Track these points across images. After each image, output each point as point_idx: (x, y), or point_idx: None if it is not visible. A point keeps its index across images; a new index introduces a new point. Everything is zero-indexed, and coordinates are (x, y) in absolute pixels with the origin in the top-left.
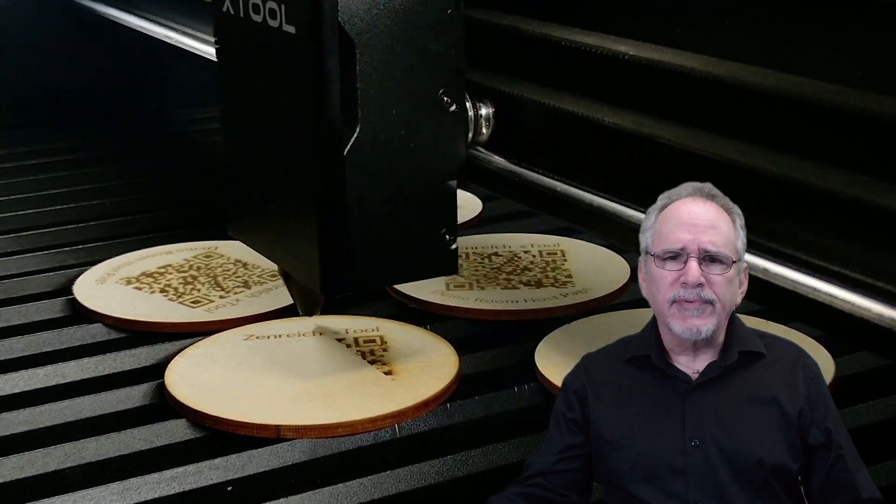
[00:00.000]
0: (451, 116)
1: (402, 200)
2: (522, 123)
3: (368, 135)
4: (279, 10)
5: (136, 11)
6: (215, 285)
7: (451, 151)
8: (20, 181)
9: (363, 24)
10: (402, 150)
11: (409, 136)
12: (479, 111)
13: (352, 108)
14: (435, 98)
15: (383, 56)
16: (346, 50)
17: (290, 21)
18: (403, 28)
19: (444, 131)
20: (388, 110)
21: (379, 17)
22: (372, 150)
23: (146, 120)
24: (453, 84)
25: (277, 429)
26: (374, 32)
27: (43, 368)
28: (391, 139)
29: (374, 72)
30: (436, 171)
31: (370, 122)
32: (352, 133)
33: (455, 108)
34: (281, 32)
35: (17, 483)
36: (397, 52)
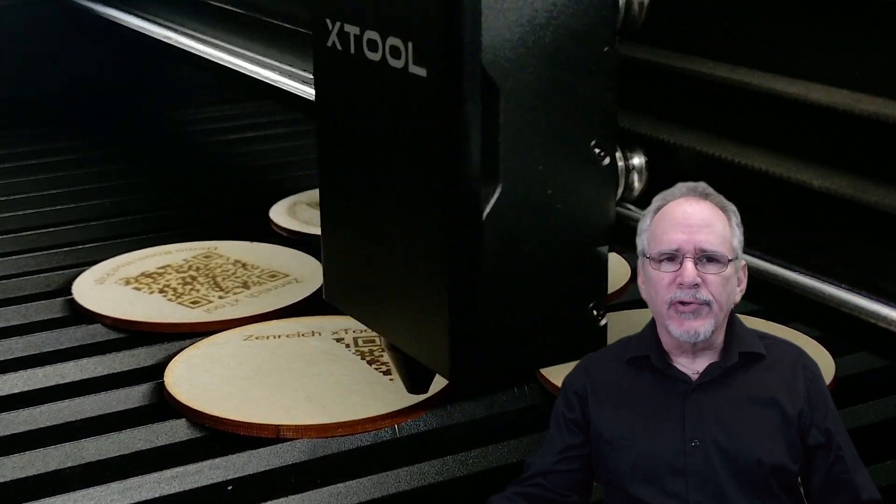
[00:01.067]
0: (602, 171)
1: (545, 271)
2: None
3: (511, 195)
4: (404, 48)
5: (135, 12)
6: (214, 286)
7: (601, 212)
8: (20, 181)
9: (509, 66)
10: (548, 211)
11: (555, 196)
12: (630, 161)
13: (492, 163)
14: (587, 150)
15: (530, 103)
16: (488, 96)
17: (420, 62)
18: (553, 70)
19: (596, 189)
20: (533, 166)
21: (526, 58)
22: (514, 213)
23: (146, 120)
24: (606, 133)
25: (277, 429)
26: (521, 76)
27: (42, 368)
28: (536, 199)
29: (520, 121)
30: (584, 236)
31: (513, 179)
32: (492, 192)
33: (608, 161)
34: (407, 75)
35: (18, 483)
36: (545, 98)
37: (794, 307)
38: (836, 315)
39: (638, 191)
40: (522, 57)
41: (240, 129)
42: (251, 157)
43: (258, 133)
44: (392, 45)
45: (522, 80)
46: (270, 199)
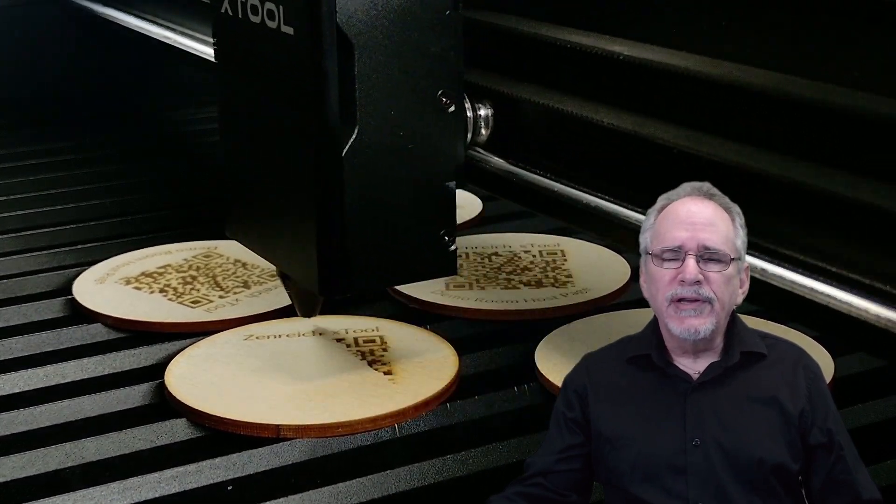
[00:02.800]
0: (449, 117)
1: (400, 202)
2: (521, 124)
3: (367, 136)
4: (277, 11)
5: (135, 12)
6: (215, 285)
7: (449, 152)
8: (20, 181)
9: (362, 25)
10: (401, 151)
11: (407, 138)
12: (478, 112)
13: (350, 109)
14: (434, 99)
15: (382, 57)
16: (344, 51)
17: (289, 22)
18: (402, 29)
19: (443, 132)
20: (386, 111)
21: (377, 18)
22: (370, 152)
23: (146, 120)
24: (452, 85)
25: (277, 429)
26: (373, 33)
27: (43, 368)
28: (390, 140)
29: (373, 73)
30: (435, 173)
31: (369, 123)
32: (350, 134)
33: (454, 108)
34: (279, 33)
35: (18, 483)
36: (396, 53)
37: (791, 308)
38: (833, 316)
39: (486, 136)
40: (374, 18)
41: None
42: None
43: None
44: (269, 9)
45: (374, 38)
46: None
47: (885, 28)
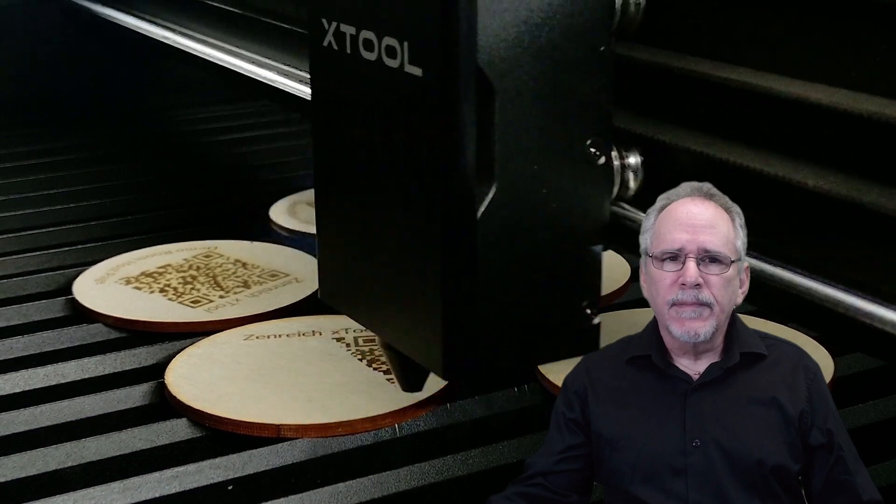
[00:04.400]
0: (598, 170)
1: (539, 269)
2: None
3: (506, 195)
4: (400, 48)
5: (135, 12)
6: (215, 285)
7: (596, 211)
8: (20, 181)
9: (505, 66)
10: (543, 211)
11: (550, 195)
12: (626, 160)
13: (487, 163)
14: (582, 150)
15: (526, 103)
16: (483, 96)
17: (416, 62)
18: (549, 69)
19: (591, 188)
20: (529, 165)
21: (522, 57)
22: (509, 212)
23: (146, 120)
24: (602, 132)
25: (277, 428)
26: (517, 75)
27: (43, 368)
28: (531, 199)
29: (515, 121)
30: (579, 235)
31: (508, 179)
32: (487, 192)
33: (603, 160)
34: (402, 74)
35: (18, 483)
36: (541, 97)
37: (789, 308)
38: (831, 316)
39: (633, 190)
40: (518, 56)
41: (240, 129)
42: (251, 157)
43: (258, 133)
44: (388, 45)
45: (518, 80)
46: (270, 199)
47: (886, 28)
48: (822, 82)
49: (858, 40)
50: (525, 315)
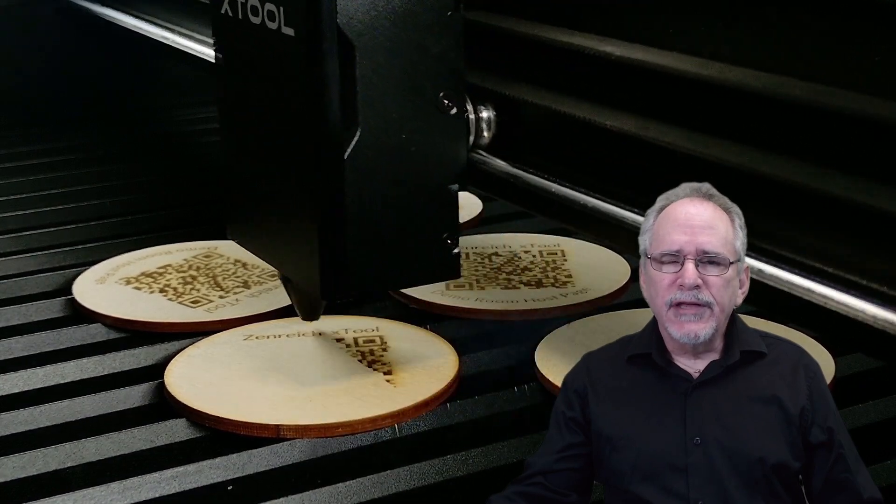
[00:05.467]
0: (451, 119)
1: (402, 204)
2: (523, 126)
3: (368, 138)
4: (278, 12)
5: (134, 12)
6: (215, 285)
7: (452, 155)
8: (20, 181)
9: (362, 27)
10: (403, 153)
11: (409, 140)
12: (481, 114)
13: (351, 111)
14: (435, 101)
15: (383, 58)
16: (345, 53)
17: (289, 23)
18: (403, 30)
19: (445, 135)
20: (388, 113)
21: (378, 19)
22: (372, 154)
23: (145, 120)
24: (454, 86)
25: (277, 429)
26: (374, 34)
27: (43, 368)
28: (391, 143)
29: (374, 75)
30: (437, 175)
31: (370, 125)
32: (352, 137)
33: (456, 111)
34: (280, 35)
35: (18, 483)
36: (397, 54)
37: (788, 309)
38: (830, 317)
39: (488, 139)
40: (374, 19)
41: None
42: None
43: None
44: (269, 10)
45: (375, 39)
46: None
47: (886, 29)
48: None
49: None
50: (391, 244)
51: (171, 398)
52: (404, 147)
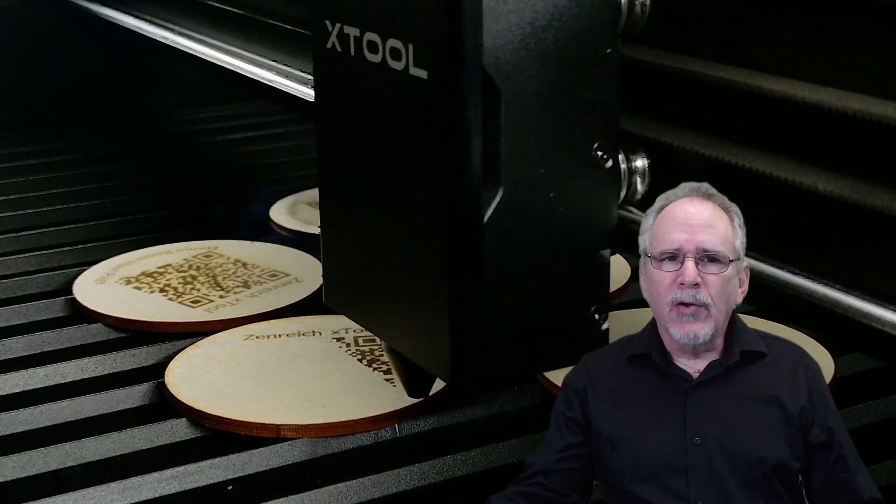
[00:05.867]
0: (605, 174)
1: (547, 275)
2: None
3: (513, 199)
4: (405, 50)
5: (134, 12)
6: (215, 285)
7: (603, 215)
8: (20, 181)
9: (510, 68)
10: (550, 215)
11: (558, 199)
12: (633, 163)
13: (494, 167)
14: (589, 153)
15: (532, 105)
16: (489, 99)
17: (420, 64)
18: (555, 72)
19: (598, 192)
20: (535, 169)
21: (527, 60)
22: (516, 216)
23: (146, 120)
24: (608, 135)
25: (277, 428)
26: (523, 77)
27: (43, 368)
28: (538, 203)
29: (521, 124)
30: (587, 240)
31: (515, 183)
32: (494, 196)
33: (611, 164)
34: (407, 77)
35: (18, 483)
36: (547, 100)
37: (787, 309)
38: (829, 317)
39: (641, 193)
40: (524, 59)
41: (240, 129)
42: (251, 157)
43: (258, 133)
44: (392, 47)
45: (524, 83)
46: (270, 199)
47: (885, 29)
48: (820, 83)
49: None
50: (532, 320)
51: (172, 398)
52: (552, 207)
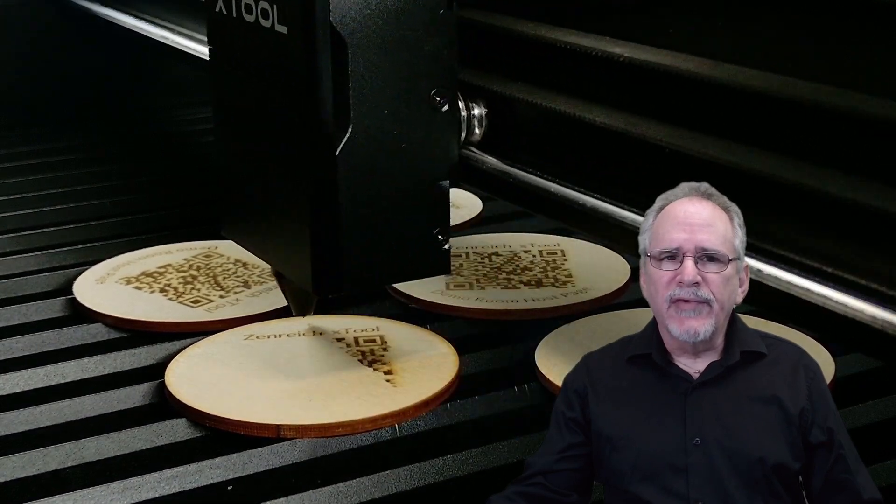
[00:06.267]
0: (443, 116)
1: (394, 200)
2: (516, 124)
3: (360, 135)
4: (271, 10)
5: (133, 12)
6: (215, 285)
7: (443, 151)
8: (20, 181)
9: (355, 24)
10: (395, 150)
11: (401, 136)
12: (472, 111)
13: (344, 108)
14: (427, 98)
15: (375, 56)
16: (337, 50)
17: (283, 21)
18: (396, 28)
19: (437, 131)
20: (380, 110)
21: (371, 17)
22: (364, 150)
23: (145, 120)
24: (446, 84)
25: (277, 428)
26: (366, 32)
27: (43, 368)
28: (383, 139)
29: (366, 72)
30: (428, 171)
31: (362, 122)
32: (344, 133)
33: (447, 107)
34: (273, 32)
35: (18, 482)
36: (389, 51)
37: (786, 309)
38: (829, 317)
39: (479, 136)
40: (367, 17)
41: None
42: None
43: None
44: (262, 8)
45: (368, 36)
46: None
47: (885, 29)
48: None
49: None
50: (383, 240)
51: (172, 398)
52: (396, 143)
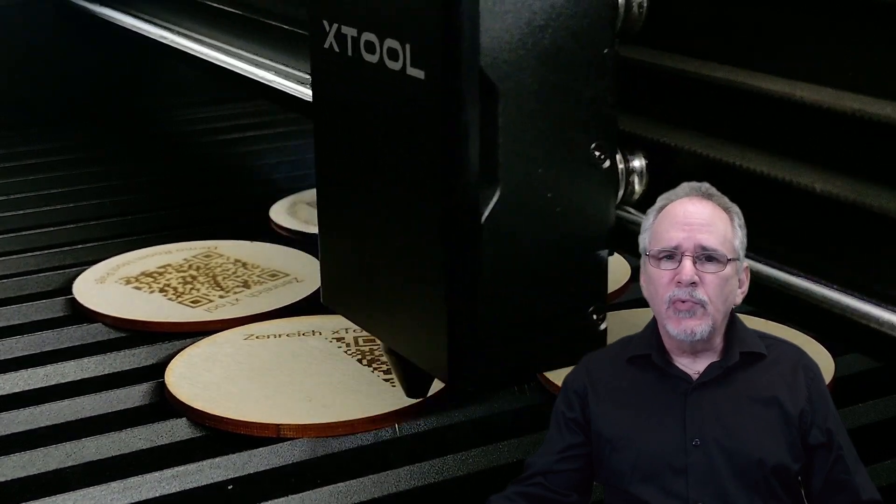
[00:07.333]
0: (603, 174)
1: (545, 274)
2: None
3: (511, 198)
4: (402, 50)
5: (133, 12)
6: (215, 285)
7: (601, 215)
8: (20, 181)
9: (508, 68)
10: (547, 214)
11: (555, 199)
12: (631, 163)
13: (491, 167)
14: (586, 153)
15: (529, 105)
16: (486, 98)
17: (418, 64)
18: (553, 71)
19: (596, 192)
20: (533, 169)
21: (525, 59)
22: (513, 216)
23: (145, 120)
24: (607, 136)
25: (277, 428)
26: (521, 77)
27: (43, 368)
28: (535, 203)
29: (519, 123)
30: (585, 240)
31: (512, 182)
32: (491, 196)
33: (608, 164)
34: (404, 76)
35: (18, 482)
36: (546, 99)
37: (786, 309)
38: (828, 317)
39: (638, 193)
40: (521, 59)
41: (240, 129)
42: (251, 157)
43: (258, 133)
44: (390, 47)
45: (521, 82)
46: (270, 199)
47: (885, 29)
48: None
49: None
50: (530, 320)
51: (172, 398)
52: (550, 207)
